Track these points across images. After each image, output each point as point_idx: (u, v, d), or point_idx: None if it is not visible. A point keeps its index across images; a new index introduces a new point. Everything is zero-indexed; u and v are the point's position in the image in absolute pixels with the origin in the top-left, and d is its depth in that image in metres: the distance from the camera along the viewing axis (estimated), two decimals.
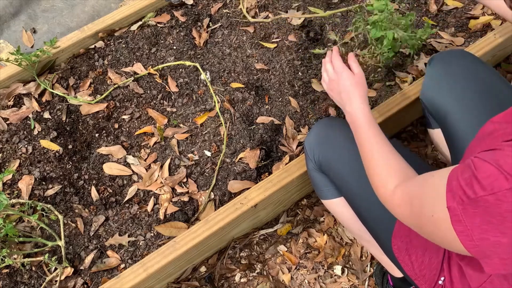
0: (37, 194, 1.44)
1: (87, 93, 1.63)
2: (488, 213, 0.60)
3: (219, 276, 1.36)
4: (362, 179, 0.98)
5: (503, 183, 0.58)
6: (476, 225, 0.62)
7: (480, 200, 0.60)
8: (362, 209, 1.05)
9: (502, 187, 0.58)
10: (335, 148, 1.11)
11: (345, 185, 1.09)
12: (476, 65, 1.13)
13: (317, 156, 1.14)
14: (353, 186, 1.06)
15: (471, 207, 0.62)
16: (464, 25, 1.70)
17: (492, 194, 0.59)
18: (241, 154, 1.46)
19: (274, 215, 1.45)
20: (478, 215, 0.61)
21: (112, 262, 1.33)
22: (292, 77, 1.61)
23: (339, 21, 1.73)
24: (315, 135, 1.16)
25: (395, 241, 0.92)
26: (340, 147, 1.10)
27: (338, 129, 1.14)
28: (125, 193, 1.43)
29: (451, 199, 0.65)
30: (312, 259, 1.38)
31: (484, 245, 0.63)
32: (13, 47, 1.95)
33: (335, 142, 1.12)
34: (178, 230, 1.35)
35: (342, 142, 1.10)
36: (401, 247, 0.91)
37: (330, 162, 1.11)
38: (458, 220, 0.64)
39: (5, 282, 1.31)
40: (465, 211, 0.63)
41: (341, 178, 1.09)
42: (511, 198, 0.57)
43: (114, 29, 1.76)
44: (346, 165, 1.08)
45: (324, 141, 1.13)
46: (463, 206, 0.63)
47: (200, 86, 1.62)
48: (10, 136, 1.56)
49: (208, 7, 1.82)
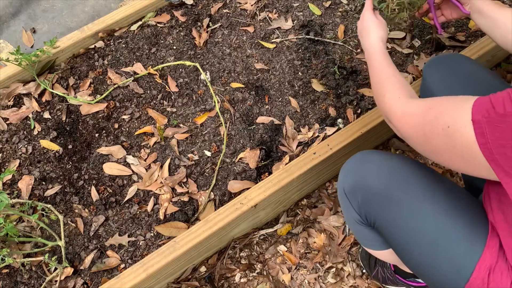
0: (37, 194, 1.44)
1: (87, 93, 1.63)
2: (510, 129, 0.66)
3: (219, 276, 1.36)
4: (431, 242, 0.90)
5: None
6: (496, 138, 0.68)
7: (508, 115, 0.67)
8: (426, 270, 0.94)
9: None
10: (396, 207, 0.93)
11: (405, 249, 0.95)
12: (473, 68, 1.13)
13: (366, 212, 0.98)
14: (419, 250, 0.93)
15: (497, 121, 0.68)
16: (464, 24, 1.70)
17: None
18: (241, 154, 1.46)
19: (274, 215, 1.45)
20: (500, 130, 0.68)
21: (112, 262, 1.33)
22: (292, 77, 1.61)
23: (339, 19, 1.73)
24: (359, 181, 0.97)
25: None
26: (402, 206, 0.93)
27: (394, 176, 0.95)
28: (125, 193, 1.43)
29: (477, 113, 0.70)
30: (312, 259, 1.38)
31: (502, 159, 0.69)
32: (13, 47, 1.95)
33: (396, 197, 0.93)
34: (178, 230, 1.35)
35: (406, 199, 0.93)
36: None
37: (386, 223, 0.96)
38: (481, 133, 0.69)
39: (5, 282, 1.31)
40: (489, 124, 0.69)
41: (402, 243, 0.95)
42: None
43: (114, 29, 1.76)
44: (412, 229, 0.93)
45: (379, 197, 0.95)
46: (489, 119, 0.69)
47: (200, 86, 1.62)
48: (10, 136, 1.56)
49: (208, 7, 1.82)
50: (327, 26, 1.74)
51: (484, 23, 1.08)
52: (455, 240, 0.88)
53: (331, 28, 1.73)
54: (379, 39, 1.04)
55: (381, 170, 0.96)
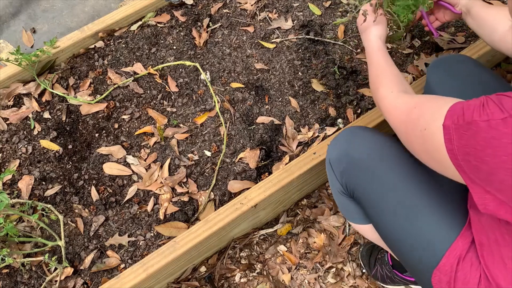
0: (37, 194, 1.44)
1: (87, 93, 1.63)
2: (474, 138, 0.67)
3: (219, 276, 1.36)
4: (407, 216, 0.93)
5: (498, 114, 0.65)
6: (462, 145, 0.69)
7: (473, 123, 0.67)
8: (400, 245, 0.96)
9: (495, 117, 0.65)
10: (374, 177, 0.97)
11: (382, 221, 0.98)
12: (476, 69, 1.13)
13: (346, 181, 1.02)
14: (395, 223, 0.95)
15: (463, 128, 0.69)
16: (463, 25, 1.70)
17: (485, 121, 0.65)
18: (241, 154, 1.46)
19: (274, 215, 1.45)
20: (465, 138, 0.68)
21: (112, 262, 1.33)
22: (292, 77, 1.61)
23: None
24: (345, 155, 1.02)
25: (437, 273, 0.88)
26: (381, 178, 0.96)
27: (376, 149, 0.99)
28: (125, 193, 1.43)
29: (448, 118, 0.72)
30: (312, 259, 1.38)
31: (466, 166, 0.70)
32: (13, 47, 1.95)
33: (374, 168, 0.97)
34: (178, 230, 1.35)
35: (384, 170, 0.96)
36: (443, 279, 0.88)
37: (364, 193, 1.00)
38: (449, 139, 0.71)
39: (5, 282, 1.31)
40: (457, 130, 0.70)
41: (379, 215, 0.98)
42: (500, 127, 0.64)
43: (114, 29, 1.76)
44: (389, 201, 0.96)
45: (359, 167, 0.99)
46: (457, 126, 0.70)
47: (200, 86, 1.62)
48: (10, 136, 1.56)
49: (208, 7, 1.82)
50: (327, 26, 1.74)
51: (472, 22, 1.10)
52: (430, 221, 0.90)
53: (331, 28, 1.73)
54: (377, 37, 1.08)
55: (364, 142, 1.01)
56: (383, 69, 1.01)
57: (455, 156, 0.71)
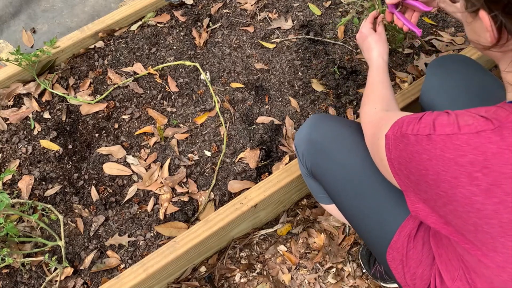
0: (37, 194, 1.44)
1: (87, 93, 1.63)
2: (405, 150, 0.72)
3: (219, 276, 1.36)
4: (358, 194, 0.98)
5: (425, 129, 0.69)
6: (397, 156, 0.74)
7: (405, 137, 0.71)
8: (357, 223, 1.03)
9: (423, 132, 0.69)
10: (328, 157, 1.04)
11: (338, 199, 1.05)
12: (476, 70, 1.13)
13: (307, 162, 1.09)
14: (349, 201, 1.02)
15: (399, 140, 0.73)
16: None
17: (414, 135, 0.70)
18: (241, 154, 1.46)
19: (274, 215, 1.45)
20: (399, 149, 0.73)
21: (112, 262, 1.33)
22: (292, 77, 1.61)
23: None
24: (306, 138, 1.09)
25: (390, 251, 0.93)
26: (334, 157, 1.03)
27: (333, 132, 1.06)
28: (125, 193, 1.43)
29: (391, 129, 0.76)
30: (312, 259, 1.38)
31: (400, 176, 0.75)
32: (13, 47, 1.95)
33: (329, 149, 1.04)
34: (178, 230, 1.35)
35: (337, 150, 1.03)
36: (396, 258, 0.92)
37: (321, 173, 1.06)
38: (388, 148, 0.76)
39: (5, 282, 1.31)
40: (394, 141, 0.74)
41: (335, 193, 1.05)
42: (424, 142, 0.68)
43: (114, 29, 1.76)
44: (341, 179, 1.03)
45: (316, 148, 1.06)
46: (395, 137, 0.74)
47: (200, 86, 1.62)
48: (10, 136, 1.56)
49: (208, 7, 1.82)
50: (327, 26, 1.74)
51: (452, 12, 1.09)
52: (380, 200, 0.94)
53: (331, 28, 1.73)
54: (379, 56, 1.09)
55: (324, 126, 1.07)
56: (376, 89, 1.03)
57: (392, 165, 0.76)
